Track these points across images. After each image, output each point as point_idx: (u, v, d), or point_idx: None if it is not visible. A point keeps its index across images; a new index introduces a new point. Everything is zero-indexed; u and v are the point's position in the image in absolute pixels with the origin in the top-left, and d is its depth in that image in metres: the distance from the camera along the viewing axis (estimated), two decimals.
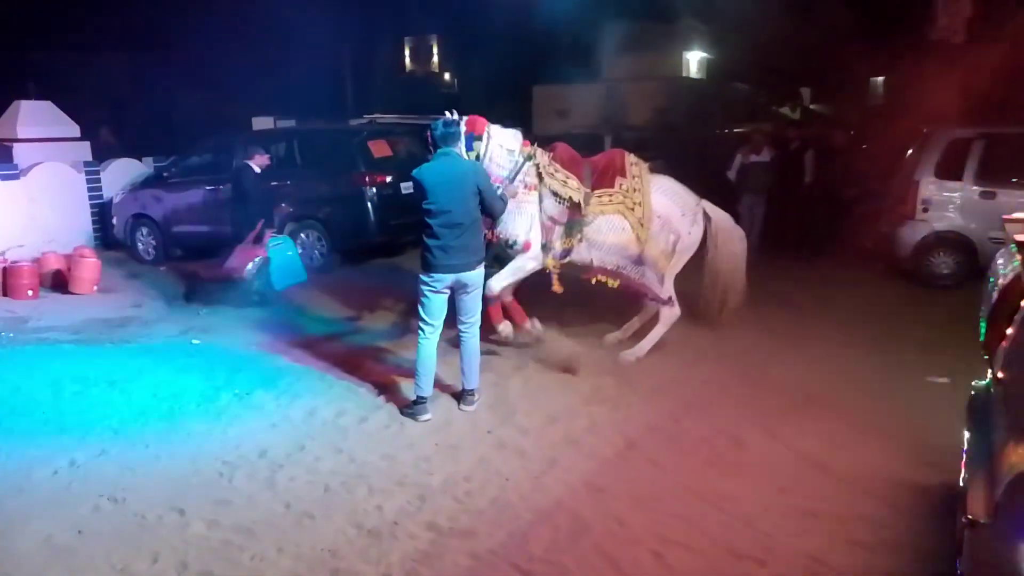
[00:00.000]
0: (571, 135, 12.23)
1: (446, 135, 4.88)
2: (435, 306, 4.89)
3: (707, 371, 5.75)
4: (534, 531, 3.65)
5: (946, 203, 8.14)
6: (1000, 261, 3.65)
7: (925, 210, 8.20)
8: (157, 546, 3.50)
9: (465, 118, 5.49)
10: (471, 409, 5.04)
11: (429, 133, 4.95)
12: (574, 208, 5.74)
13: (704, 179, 7.07)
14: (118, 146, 13.46)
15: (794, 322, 6.97)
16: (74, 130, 11.65)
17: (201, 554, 3.45)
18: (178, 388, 5.52)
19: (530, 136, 6.23)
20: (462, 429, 4.81)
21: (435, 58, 34.18)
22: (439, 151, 4.88)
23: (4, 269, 8.47)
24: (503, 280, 5.76)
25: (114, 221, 10.77)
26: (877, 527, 3.64)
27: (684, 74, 27.17)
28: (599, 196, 5.78)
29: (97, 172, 11.24)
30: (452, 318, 5.05)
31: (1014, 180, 7.80)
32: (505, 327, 5.90)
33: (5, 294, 8.41)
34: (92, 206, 11.10)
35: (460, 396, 5.14)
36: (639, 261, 5.88)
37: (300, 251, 9.54)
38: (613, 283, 5.99)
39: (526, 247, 5.77)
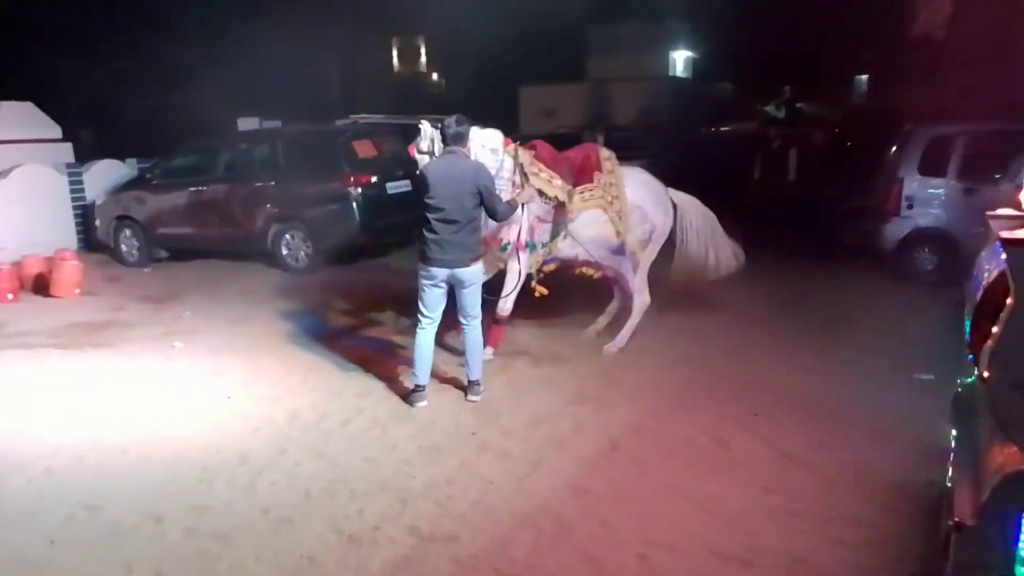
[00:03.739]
0: (557, 135, 12.23)
1: (456, 134, 4.99)
2: (432, 298, 5.02)
3: (691, 370, 5.72)
4: (516, 535, 3.61)
5: (929, 200, 8.16)
6: (984, 258, 3.64)
7: (909, 207, 8.22)
8: (132, 556, 3.43)
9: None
10: (477, 399, 5.15)
11: (441, 131, 5.04)
12: (560, 207, 5.79)
13: (691, 178, 7.06)
14: (99, 147, 13.29)
15: (777, 320, 6.96)
16: (56, 131, 11.54)
17: (177, 563, 3.39)
18: (158, 392, 5.44)
19: (517, 137, 6.22)
20: (446, 431, 4.76)
21: (423, 59, 34.09)
22: (446, 149, 5.02)
23: None
24: (512, 296, 5.80)
25: (97, 223, 10.64)
26: (861, 526, 3.62)
27: (670, 73, 27.22)
28: (580, 192, 5.88)
29: (80, 174, 11.12)
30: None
31: (997, 176, 7.82)
32: (488, 352, 5.79)
33: None
34: (75, 208, 10.99)
35: (466, 388, 5.25)
36: (618, 251, 6.06)
37: (285, 252, 9.54)
38: (595, 274, 6.16)
39: (518, 247, 5.76)
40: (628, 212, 5.97)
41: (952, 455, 3.27)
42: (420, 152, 5.26)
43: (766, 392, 5.28)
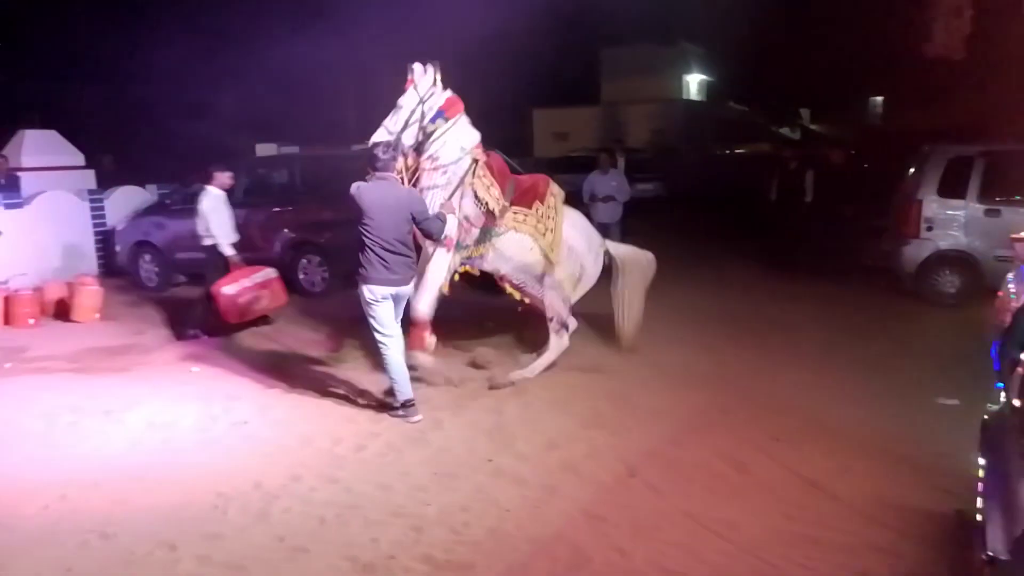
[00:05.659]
0: (572, 158, 12.24)
1: (386, 163, 5.15)
2: (384, 315, 5.17)
3: (708, 394, 5.65)
4: (533, 563, 3.55)
5: (950, 221, 8.09)
6: (1011, 282, 3.56)
7: (928, 228, 8.14)
8: None
9: (448, 93, 5.74)
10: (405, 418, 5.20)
11: (372, 159, 5.14)
12: (489, 215, 5.88)
13: (706, 199, 7.05)
14: (120, 173, 13.50)
15: (796, 343, 6.87)
16: (78, 158, 11.73)
17: None
18: (174, 417, 5.45)
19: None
20: (459, 457, 4.72)
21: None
22: (377, 175, 5.15)
23: (6, 298, 8.46)
24: (429, 296, 5.77)
25: (117, 248, 10.76)
26: (886, 556, 3.53)
27: (683, 96, 27.31)
28: (515, 213, 5.96)
29: (101, 200, 11.27)
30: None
31: (1018, 197, 7.73)
32: (426, 357, 5.85)
33: (7, 323, 8.38)
34: (96, 234, 11.12)
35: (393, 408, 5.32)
36: (542, 281, 6.05)
37: (302, 276, 9.58)
38: (521, 298, 6.18)
39: (448, 243, 5.76)
40: (559, 245, 5.98)
41: (981, 485, 3.18)
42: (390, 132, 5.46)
43: (786, 415, 5.20)
